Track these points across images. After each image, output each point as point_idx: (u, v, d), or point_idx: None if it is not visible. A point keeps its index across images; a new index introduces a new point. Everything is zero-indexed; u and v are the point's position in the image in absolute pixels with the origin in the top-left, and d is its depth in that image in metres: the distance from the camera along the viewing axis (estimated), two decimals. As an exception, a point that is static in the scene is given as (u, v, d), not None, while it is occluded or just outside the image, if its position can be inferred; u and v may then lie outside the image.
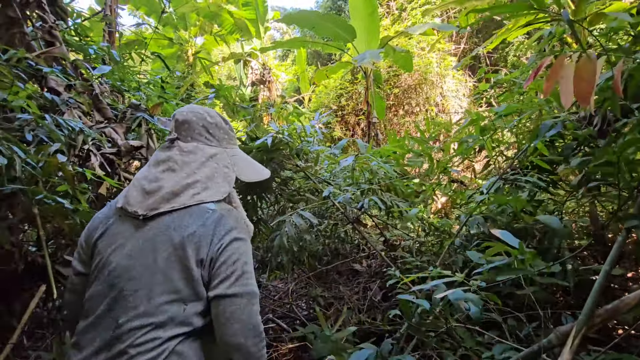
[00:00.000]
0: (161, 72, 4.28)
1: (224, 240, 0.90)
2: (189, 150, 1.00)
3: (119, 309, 0.85)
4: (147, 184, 0.95)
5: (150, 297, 0.84)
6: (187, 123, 1.04)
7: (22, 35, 2.31)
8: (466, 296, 0.96)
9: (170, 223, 0.90)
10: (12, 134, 1.24)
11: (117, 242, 0.92)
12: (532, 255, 0.85)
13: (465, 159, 2.16)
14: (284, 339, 2.37)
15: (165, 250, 0.87)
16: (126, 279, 0.87)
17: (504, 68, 8.23)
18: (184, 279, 0.86)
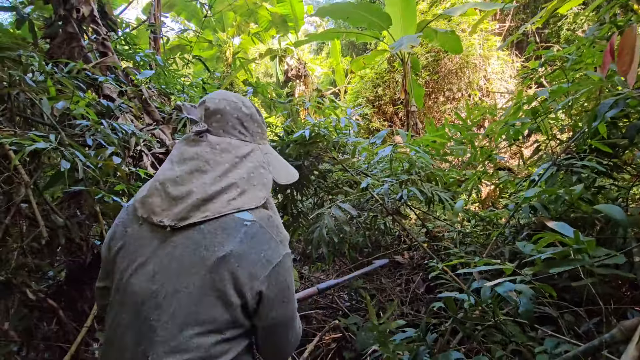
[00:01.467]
0: (203, 74, 4.48)
1: (271, 261, 0.79)
2: (221, 148, 0.85)
3: (147, 343, 0.73)
4: (173, 188, 0.81)
5: (181, 329, 0.72)
6: (220, 113, 0.88)
7: (80, 48, 2.53)
8: (516, 287, 0.91)
9: (201, 240, 0.76)
10: (75, 140, 1.37)
11: (137, 260, 0.79)
12: (590, 245, 0.78)
13: (512, 145, 2.03)
14: (327, 328, 2.41)
15: (196, 274, 0.74)
16: (152, 307, 0.74)
17: (556, 44, 7.56)
18: (220, 306, 0.74)
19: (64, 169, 1.15)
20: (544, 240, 0.96)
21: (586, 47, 1.47)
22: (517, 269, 1.11)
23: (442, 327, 1.85)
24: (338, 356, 2.20)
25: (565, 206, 2.00)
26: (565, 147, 1.47)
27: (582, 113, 1.94)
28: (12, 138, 1.17)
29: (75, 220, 1.55)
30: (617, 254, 0.88)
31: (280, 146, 2.29)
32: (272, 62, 10.12)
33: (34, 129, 1.60)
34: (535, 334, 1.51)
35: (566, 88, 1.33)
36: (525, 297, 1.02)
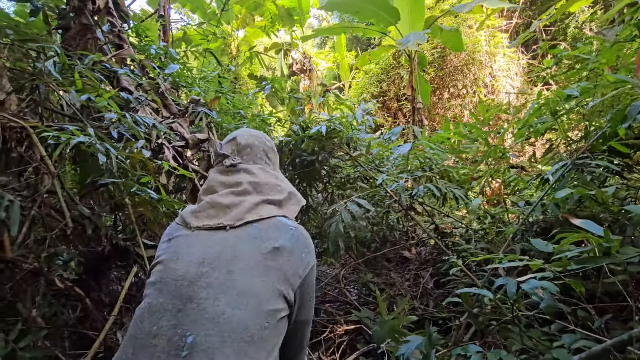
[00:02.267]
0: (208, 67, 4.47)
1: (309, 264, 0.88)
2: (256, 173, 0.98)
3: (188, 324, 0.72)
4: (225, 200, 0.91)
5: (233, 307, 0.74)
6: (250, 147, 1.04)
7: (94, 40, 2.53)
8: (542, 284, 0.94)
9: (256, 233, 0.85)
10: (101, 132, 1.39)
11: (182, 251, 0.84)
12: (618, 243, 0.81)
13: (526, 144, 2.05)
14: (339, 321, 2.45)
15: (251, 259, 0.80)
16: (201, 286, 0.76)
17: (562, 42, 7.54)
18: (269, 291, 0.78)
19: (102, 163, 1.17)
20: (569, 238, 0.99)
21: (608, 47, 1.48)
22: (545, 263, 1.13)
23: (456, 322, 1.89)
24: (350, 348, 2.24)
25: (575, 205, 2.04)
26: (586, 146, 1.48)
27: (596, 113, 1.96)
28: (52, 132, 1.18)
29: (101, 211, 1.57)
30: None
31: (295, 141, 2.30)
32: (276, 56, 10.07)
33: (57, 120, 1.61)
34: (549, 329, 1.55)
35: (593, 89, 1.34)
36: (548, 294, 1.05)
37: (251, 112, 3.58)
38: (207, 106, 2.28)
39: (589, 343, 1.17)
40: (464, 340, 1.74)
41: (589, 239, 0.98)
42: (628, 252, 0.84)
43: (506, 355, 1.28)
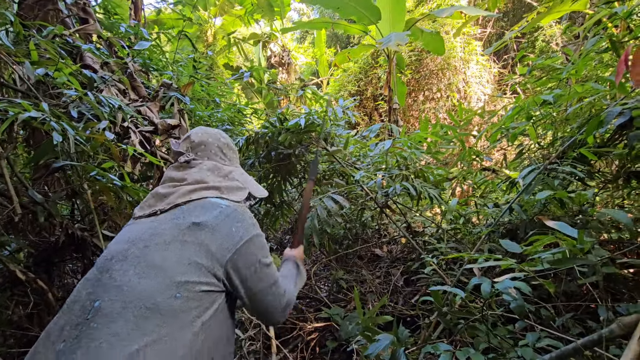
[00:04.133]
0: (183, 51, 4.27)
1: (242, 237, 0.89)
2: (208, 168, 1.02)
3: (100, 291, 0.77)
4: (164, 190, 0.96)
5: (141, 277, 0.77)
6: (204, 144, 1.07)
7: (56, 12, 2.33)
8: (515, 284, 0.95)
9: (179, 214, 0.89)
10: (59, 110, 1.26)
11: (120, 236, 0.91)
12: (590, 245, 0.83)
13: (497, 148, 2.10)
14: (309, 318, 2.42)
15: (168, 234, 0.84)
16: (118, 260, 0.82)
17: (531, 54, 7.90)
18: (186, 264, 0.80)
19: (56, 142, 1.05)
20: (542, 240, 1.00)
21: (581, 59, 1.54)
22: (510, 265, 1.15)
23: (425, 320, 1.92)
24: (319, 346, 2.22)
25: (539, 208, 2.13)
26: (560, 152, 1.53)
27: (563, 121, 2.04)
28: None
29: (57, 197, 1.43)
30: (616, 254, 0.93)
31: (271, 133, 2.23)
32: (254, 48, 9.84)
33: (7, 95, 1.45)
34: (513, 327, 1.60)
35: (566, 97, 1.38)
36: (519, 294, 1.07)
37: (226, 101, 3.45)
38: (180, 91, 2.16)
39: (552, 342, 1.21)
40: (432, 338, 1.76)
41: (561, 241, 1.01)
42: (600, 254, 0.86)
43: (474, 354, 1.30)
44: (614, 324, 0.83)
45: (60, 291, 2.10)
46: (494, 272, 2.01)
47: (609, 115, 1.11)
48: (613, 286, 1.83)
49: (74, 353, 0.69)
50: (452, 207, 1.67)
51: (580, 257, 0.88)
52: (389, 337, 1.40)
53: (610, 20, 1.46)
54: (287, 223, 3.64)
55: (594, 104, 1.46)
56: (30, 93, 1.54)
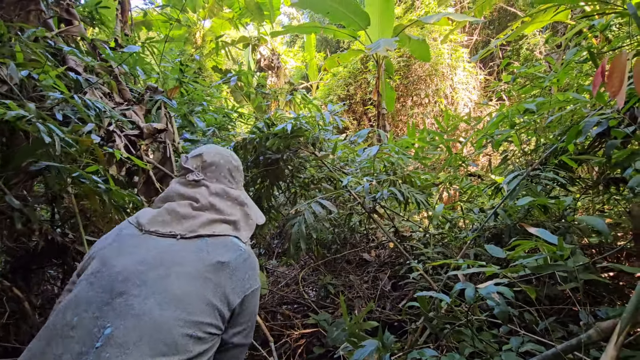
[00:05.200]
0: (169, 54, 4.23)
1: (252, 286, 0.89)
2: (216, 192, 0.99)
3: (112, 316, 0.71)
4: (182, 210, 0.91)
5: (162, 308, 0.73)
6: (215, 165, 1.05)
7: (38, 12, 2.28)
8: (498, 289, 0.96)
9: (204, 247, 0.85)
10: (44, 113, 1.23)
11: (126, 249, 0.83)
12: (569, 252, 0.85)
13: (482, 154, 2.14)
14: (296, 324, 2.40)
15: (192, 267, 0.80)
16: (135, 283, 0.76)
17: (516, 62, 8.10)
18: (203, 304, 0.78)
19: (47, 142, 1.02)
20: (523, 246, 1.02)
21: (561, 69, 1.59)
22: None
23: (412, 325, 1.92)
24: (306, 352, 2.20)
25: (522, 213, 2.17)
26: (541, 159, 1.57)
27: (545, 128, 2.10)
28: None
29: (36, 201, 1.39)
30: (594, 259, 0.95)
31: (259, 138, 2.22)
32: (244, 51, 9.81)
33: (-15, 97, 1.41)
34: (498, 331, 1.62)
35: (548, 105, 1.42)
36: (502, 299, 1.09)
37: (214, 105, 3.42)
38: (167, 95, 2.13)
39: (535, 346, 1.23)
40: (419, 343, 1.77)
41: (542, 246, 1.03)
42: (578, 260, 0.88)
43: (459, 359, 1.31)
44: (592, 329, 0.85)
45: (39, 299, 2.04)
46: (480, 277, 2.04)
47: (587, 125, 1.14)
48: (594, 290, 1.87)
49: None
50: (437, 213, 1.69)
51: (560, 262, 0.90)
52: (374, 343, 1.40)
53: (590, 31, 1.51)
54: (275, 228, 3.62)
55: (574, 112, 1.51)
56: (13, 95, 1.50)
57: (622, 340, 0.73)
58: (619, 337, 0.73)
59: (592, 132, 1.17)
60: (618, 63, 0.82)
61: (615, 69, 0.82)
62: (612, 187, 1.95)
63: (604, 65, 0.91)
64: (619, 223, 2.06)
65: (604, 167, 1.89)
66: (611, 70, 0.83)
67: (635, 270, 1.14)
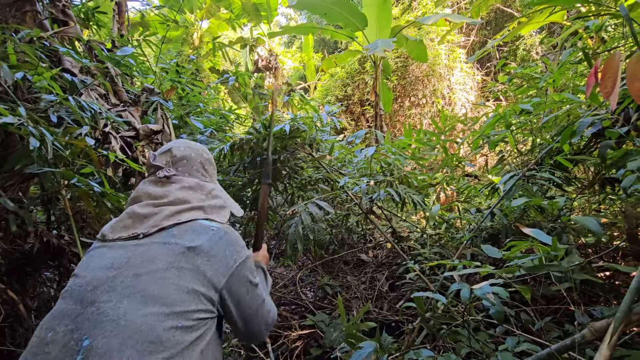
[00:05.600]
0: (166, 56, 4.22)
1: (236, 261, 0.87)
2: (190, 186, 0.96)
3: (87, 327, 0.69)
4: (142, 210, 0.88)
5: (137, 309, 0.71)
6: (186, 159, 1.01)
7: (34, 13, 2.27)
8: (493, 290, 0.97)
9: (170, 237, 0.82)
10: (38, 115, 1.22)
11: (93, 262, 0.81)
12: (563, 252, 0.85)
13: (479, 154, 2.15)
14: (293, 325, 2.40)
15: (162, 260, 0.78)
16: (104, 290, 0.74)
17: (512, 62, 8.13)
18: (183, 292, 0.76)
19: (33, 147, 1.02)
20: (518, 246, 1.03)
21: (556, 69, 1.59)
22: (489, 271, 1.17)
23: (409, 326, 1.93)
24: (304, 353, 2.20)
25: (519, 214, 2.18)
26: (536, 159, 1.58)
27: (541, 129, 2.11)
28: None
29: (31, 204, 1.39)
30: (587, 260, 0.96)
31: (256, 139, 2.22)
32: (241, 51, 9.81)
33: (-21, 99, 1.40)
34: (494, 331, 1.63)
35: (544, 106, 1.43)
36: (498, 300, 1.09)
37: (211, 106, 3.42)
38: (163, 96, 2.13)
39: (531, 346, 1.23)
40: (416, 344, 1.77)
41: (537, 247, 1.03)
42: (573, 260, 0.89)
43: (455, 359, 1.31)
44: (585, 329, 0.85)
45: (35, 301, 2.03)
46: (476, 277, 2.04)
47: (581, 126, 1.15)
48: (590, 289, 1.88)
49: None
50: (433, 213, 1.69)
51: (555, 263, 0.90)
52: (372, 344, 1.40)
53: (585, 31, 1.52)
54: (272, 229, 3.62)
55: (570, 113, 1.52)
56: (7, 97, 1.49)
57: (616, 339, 0.73)
58: (612, 336, 0.73)
59: (586, 132, 1.18)
60: (611, 64, 0.83)
61: (608, 70, 0.83)
62: (608, 187, 1.95)
63: (597, 66, 0.92)
64: (615, 223, 2.07)
65: (599, 167, 1.90)
66: (604, 71, 0.84)
67: (630, 270, 1.15)
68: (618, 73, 0.81)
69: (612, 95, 0.81)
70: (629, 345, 1.31)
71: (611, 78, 0.83)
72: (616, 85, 0.81)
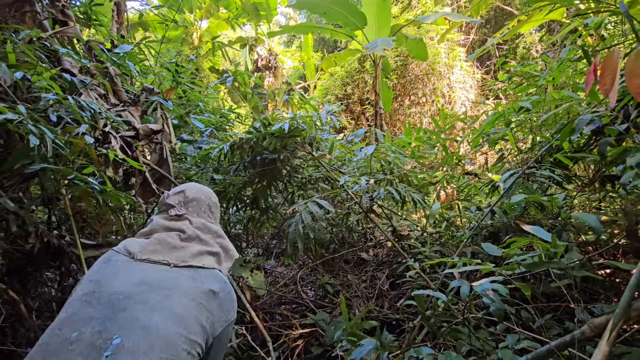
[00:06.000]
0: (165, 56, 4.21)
1: (230, 319, 0.97)
2: (197, 227, 1.07)
3: (117, 330, 0.75)
4: (172, 241, 0.98)
5: (166, 325, 0.78)
6: (196, 201, 1.13)
7: (33, 14, 2.27)
8: (493, 287, 0.97)
9: (197, 277, 0.93)
10: (38, 114, 1.22)
11: (122, 273, 0.88)
12: (563, 249, 0.85)
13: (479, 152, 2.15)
14: (294, 324, 2.40)
15: (189, 292, 0.87)
16: (137, 301, 0.80)
17: (512, 60, 8.12)
18: (197, 325, 0.84)
19: (33, 145, 1.02)
20: (518, 243, 1.03)
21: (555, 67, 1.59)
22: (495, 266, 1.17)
23: (409, 324, 1.93)
24: (305, 352, 2.20)
25: (519, 211, 2.18)
26: (536, 157, 1.58)
27: (541, 127, 2.10)
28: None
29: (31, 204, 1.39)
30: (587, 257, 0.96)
31: (257, 138, 2.22)
32: (241, 51, 9.80)
33: (-21, 99, 1.40)
34: (495, 329, 1.63)
35: (543, 104, 1.43)
36: (498, 297, 1.09)
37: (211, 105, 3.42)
38: (162, 96, 2.13)
39: (531, 343, 1.23)
40: (416, 342, 1.77)
41: (536, 244, 1.03)
42: (572, 257, 0.89)
43: (456, 357, 1.31)
44: (585, 325, 0.85)
45: (36, 301, 2.03)
46: (477, 275, 2.04)
47: (580, 123, 1.15)
48: (591, 287, 1.88)
49: None
50: (433, 212, 1.69)
51: (554, 260, 0.90)
52: (373, 342, 1.40)
53: (585, 29, 1.52)
54: (272, 228, 3.62)
55: (569, 111, 1.52)
56: (7, 97, 1.49)
57: (615, 336, 0.73)
58: (611, 333, 0.73)
59: (586, 129, 1.18)
60: (610, 61, 0.83)
61: (607, 67, 0.83)
62: (608, 185, 1.95)
63: (596, 63, 0.92)
64: (615, 220, 2.07)
65: (599, 164, 1.90)
66: (603, 68, 0.84)
67: (630, 267, 1.15)
68: (617, 70, 0.81)
69: (611, 92, 0.81)
70: (630, 343, 1.31)
71: (610, 75, 0.83)
72: (615, 82, 0.81)
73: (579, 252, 1.59)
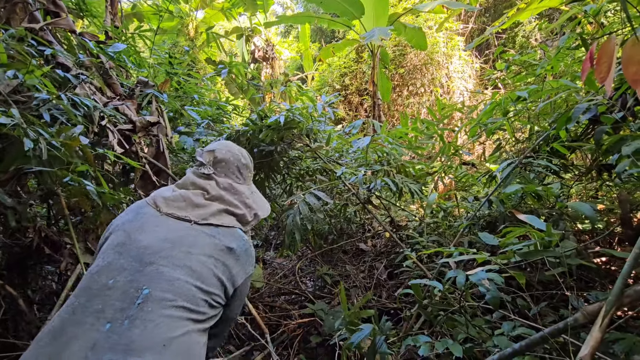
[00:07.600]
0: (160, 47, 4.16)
1: (249, 272, 1.06)
2: (224, 187, 1.13)
3: (145, 280, 0.86)
4: (195, 199, 1.06)
5: (186, 278, 0.88)
6: (225, 162, 1.18)
7: (24, 5, 2.23)
8: (488, 276, 0.98)
9: (216, 234, 1.01)
10: (30, 114, 1.21)
11: (149, 227, 0.97)
12: (558, 238, 0.86)
13: (476, 142, 2.14)
14: (293, 314, 2.43)
15: (208, 249, 0.96)
16: (162, 256, 0.90)
17: (511, 49, 8.05)
18: (214, 279, 0.94)
19: (28, 148, 1.02)
20: (514, 232, 1.03)
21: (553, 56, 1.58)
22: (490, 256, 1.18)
23: (407, 313, 1.95)
24: (304, 341, 2.23)
25: (516, 201, 2.18)
26: (533, 147, 1.57)
27: (539, 116, 2.10)
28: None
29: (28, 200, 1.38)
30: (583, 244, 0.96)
31: (253, 131, 2.21)
32: (237, 42, 9.68)
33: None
34: (491, 317, 1.65)
35: (541, 92, 1.42)
36: (493, 285, 1.10)
37: (208, 97, 3.39)
38: (158, 88, 2.11)
39: (526, 330, 1.25)
40: (414, 330, 1.80)
41: (532, 233, 1.04)
42: (567, 246, 0.89)
43: (452, 344, 1.34)
44: (578, 312, 0.86)
45: (37, 294, 2.05)
46: (474, 264, 2.06)
47: (576, 111, 1.15)
48: (586, 275, 1.90)
49: (130, 331, 0.78)
50: (430, 202, 1.70)
51: (550, 249, 0.91)
52: (371, 327, 1.42)
53: (584, 16, 1.50)
54: (271, 220, 3.63)
55: (567, 99, 1.51)
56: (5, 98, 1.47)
57: (607, 322, 0.74)
58: (603, 319, 0.74)
59: (582, 118, 1.17)
60: (606, 48, 0.83)
61: (603, 55, 0.82)
62: (605, 174, 1.96)
63: (592, 51, 0.91)
64: (612, 209, 2.08)
65: (596, 153, 1.90)
66: (599, 55, 0.83)
67: (624, 255, 1.16)
68: (613, 57, 0.81)
69: (607, 80, 0.81)
70: (623, 329, 1.33)
71: (606, 63, 0.82)
72: (611, 70, 0.81)
73: (575, 240, 1.61)
